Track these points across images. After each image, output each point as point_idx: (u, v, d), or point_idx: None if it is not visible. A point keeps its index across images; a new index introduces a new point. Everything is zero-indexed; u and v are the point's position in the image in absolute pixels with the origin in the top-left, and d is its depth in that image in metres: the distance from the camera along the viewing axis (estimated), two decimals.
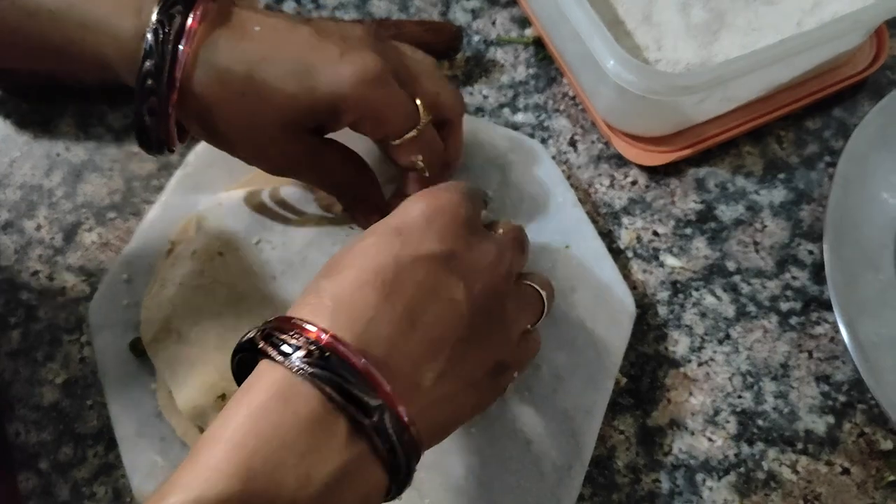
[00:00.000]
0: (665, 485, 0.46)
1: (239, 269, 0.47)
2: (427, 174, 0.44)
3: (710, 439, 0.47)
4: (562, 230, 0.50)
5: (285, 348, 0.30)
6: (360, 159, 0.45)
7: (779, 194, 0.54)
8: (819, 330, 0.50)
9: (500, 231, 0.40)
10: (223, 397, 0.43)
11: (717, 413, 0.47)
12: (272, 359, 0.30)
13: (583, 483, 0.44)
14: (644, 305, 0.50)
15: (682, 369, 0.49)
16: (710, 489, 0.45)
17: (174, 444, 0.44)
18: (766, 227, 0.53)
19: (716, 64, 0.53)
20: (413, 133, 0.41)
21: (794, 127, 0.56)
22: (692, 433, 0.47)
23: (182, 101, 0.38)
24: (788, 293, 0.51)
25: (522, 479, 0.43)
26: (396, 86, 0.40)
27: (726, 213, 0.53)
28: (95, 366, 0.47)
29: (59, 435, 0.47)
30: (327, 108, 0.39)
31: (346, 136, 0.43)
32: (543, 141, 0.56)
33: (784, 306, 0.50)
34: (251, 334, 0.32)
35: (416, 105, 0.41)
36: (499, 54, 0.59)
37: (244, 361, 0.32)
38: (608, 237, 0.52)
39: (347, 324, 0.32)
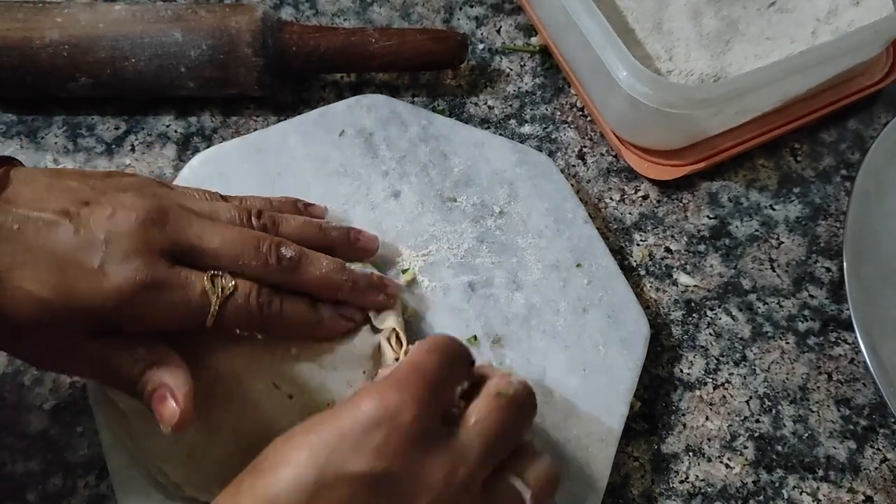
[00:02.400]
0: None
1: None
2: (260, 337, 0.39)
3: (727, 466, 0.45)
4: (572, 248, 0.48)
5: None
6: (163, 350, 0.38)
7: (794, 209, 0.52)
8: (838, 351, 0.48)
9: (472, 421, 0.34)
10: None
11: (734, 438, 0.46)
12: None
13: None
14: (657, 326, 0.48)
15: (697, 392, 0.47)
16: None
17: None
18: (781, 243, 0.51)
19: (732, 76, 0.51)
20: (210, 320, 0.37)
21: (809, 139, 0.55)
22: (709, 459, 0.45)
23: None
24: (806, 312, 0.49)
25: None
26: (170, 285, 0.36)
27: (740, 228, 0.52)
28: (86, 391, 0.45)
29: (48, 464, 0.45)
30: (94, 320, 0.35)
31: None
32: (551, 154, 0.54)
33: (802, 326, 0.49)
34: None
35: (204, 290, 0.37)
36: (504, 63, 0.57)
37: None
38: (619, 254, 0.51)
39: None
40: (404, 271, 0.47)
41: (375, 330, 0.43)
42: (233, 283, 0.38)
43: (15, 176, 0.37)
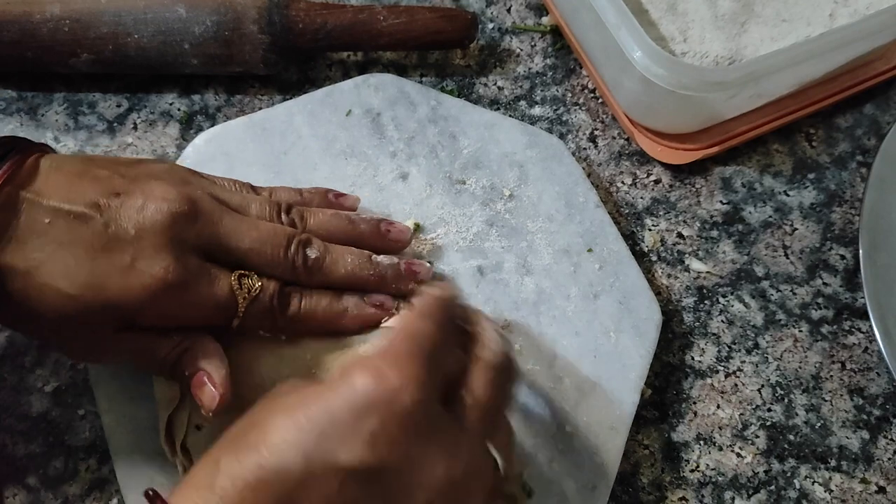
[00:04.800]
0: (692, 503, 0.43)
1: None
2: (284, 337, 0.39)
3: (738, 455, 0.44)
4: (583, 232, 0.47)
5: None
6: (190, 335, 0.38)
7: (809, 195, 0.51)
8: (852, 339, 0.47)
9: (469, 402, 0.32)
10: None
11: (745, 427, 0.45)
12: None
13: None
14: (669, 312, 0.48)
15: (708, 380, 0.46)
16: None
17: None
18: (795, 229, 0.50)
19: (747, 58, 0.50)
20: (236, 321, 0.37)
21: (824, 124, 0.54)
22: (720, 448, 0.45)
23: None
24: (820, 300, 0.48)
25: (544, 499, 0.41)
26: (198, 285, 0.36)
27: (754, 214, 0.51)
28: (87, 372, 0.44)
29: (49, 447, 0.44)
30: (122, 315, 0.35)
31: None
32: (562, 136, 0.53)
33: (815, 314, 0.48)
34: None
35: (231, 290, 0.37)
36: (514, 43, 0.56)
37: None
38: (630, 239, 0.50)
39: None
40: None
41: None
42: (259, 283, 0.38)
43: (44, 165, 0.36)
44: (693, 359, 0.47)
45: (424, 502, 0.29)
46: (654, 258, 0.49)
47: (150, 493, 0.29)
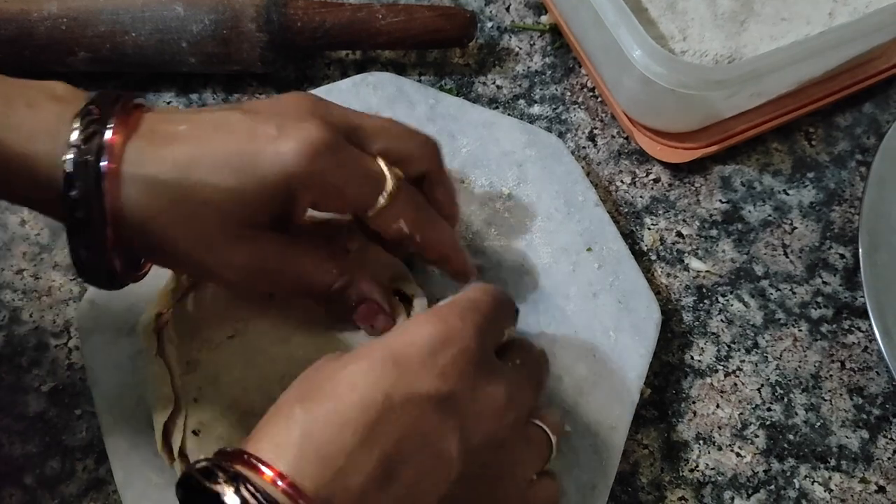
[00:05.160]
0: (691, 503, 0.43)
1: None
2: (419, 238, 0.39)
3: (738, 454, 0.44)
4: (582, 231, 0.47)
5: (230, 498, 0.26)
6: (342, 250, 0.40)
7: (808, 194, 0.51)
8: (852, 339, 0.47)
9: (517, 362, 0.36)
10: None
11: (745, 426, 0.45)
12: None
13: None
14: (668, 312, 0.47)
15: (708, 380, 0.46)
16: None
17: None
18: (795, 228, 0.50)
19: (747, 57, 0.50)
20: (383, 200, 0.36)
21: (824, 123, 0.54)
22: (719, 448, 0.44)
23: (117, 226, 0.33)
24: (819, 299, 0.48)
25: None
26: (350, 149, 0.36)
27: (753, 213, 0.51)
28: (84, 373, 0.44)
29: (46, 447, 0.44)
30: (278, 194, 0.34)
31: None
32: (561, 135, 0.53)
33: (815, 313, 0.48)
34: (203, 464, 0.28)
35: (380, 166, 0.36)
36: (513, 42, 0.56)
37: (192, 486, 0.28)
38: (630, 238, 0.50)
39: (313, 469, 0.28)
40: None
41: None
42: (402, 181, 0.37)
43: (148, 116, 0.35)
44: (692, 358, 0.47)
45: (491, 429, 0.32)
46: (654, 257, 0.49)
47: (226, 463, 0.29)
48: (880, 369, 0.46)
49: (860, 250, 0.46)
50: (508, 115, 0.52)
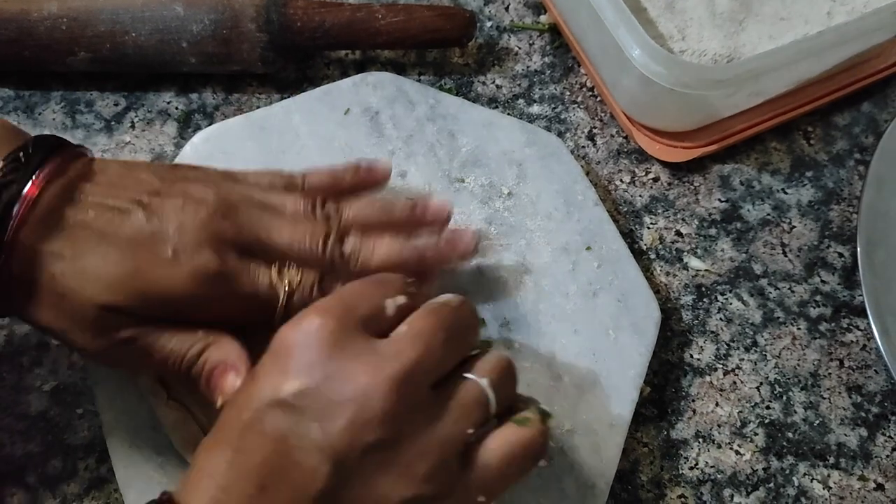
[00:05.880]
0: (691, 501, 0.43)
1: None
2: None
3: (737, 452, 0.44)
4: (582, 230, 0.47)
5: None
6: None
7: (807, 193, 0.52)
8: (850, 337, 0.47)
9: (403, 329, 0.32)
10: None
11: (744, 425, 0.45)
12: None
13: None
14: (667, 310, 0.48)
15: (707, 378, 0.46)
16: None
17: (171, 457, 0.41)
18: (793, 227, 0.50)
19: (745, 57, 0.50)
20: (279, 311, 0.37)
21: (822, 122, 0.54)
22: (718, 446, 0.45)
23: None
24: (818, 298, 0.48)
25: (543, 498, 0.41)
26: (243, 274, 0.36)
27: (752, 212, 0.51)
28: (86, 372, 0.44)
29: (48, 446, 0.44)
30: (161, 308, 0.35)
31: None
32: (560, 134, 0.53)
33: (813, 312, 0.48)
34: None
35: (272, 281, 0.37)
36: (512, 42, 0.56)
37: None
38: (629, 237, 0.50)
39: (196, 493, 0.30)
40: None
41: None
42: (300, 275, 0.37)
43: (88, 165, 0.37)
44: (692, 357, 0.47)
45: (349, 417, 0.30)
46: (653, 256, 0.49)
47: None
48: (879, 367, 0.46)
49: (858, 249, 0.46)
50: (508, 114, 0.52)
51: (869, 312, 0.45)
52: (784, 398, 0.46)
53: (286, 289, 0.37)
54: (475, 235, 0.42)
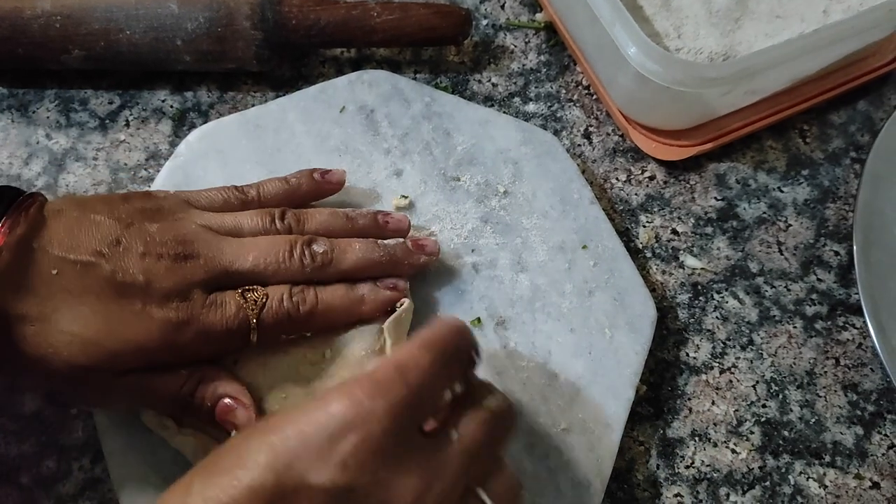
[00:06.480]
0: (687, 499, 0.43)
1: None
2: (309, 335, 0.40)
3: (733, 451, 0.44)
4: (578, 229, 0.47)
5: None
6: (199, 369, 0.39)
7: (803, 191, 0.51)
8: (846, 335, 0.47)
9: (458, 432, 0.31)
10: None
11: (740, 423, 0.45)
12: None
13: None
14: (663, 309, 0.48)
15: (703, 376, 0.46)
16: None
17: (166, 456, 0.41)
18: (789, 226, 0.50)
19: (741, 55, 0.50)
20: (254, 337, 0.38)
21: (818, 120, 0.54)
22: (715, 444, 0.45)
23: None
24: (814, 296, 0.48)
25: (539, 496, 0.40)
26: (211, 312, 0.37)
27: (748, 210, 0.51)
28: None
29: (42, 447, 0.44)
30: (136, 360, 0.36)
31: None
32: (556, 133, 0.53)
33: (809, 310, 0.48)
34: None
35: (238, 307, 0.37)
36: (508, 40, 0.56)
37: None
38: (625, 236, 0.50)
39: None
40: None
41: None
42: (264, 293, 0.38)
43: (44, 213, 0.37)
44: (688, 355, 0.47)
45: None
46: (649, 255, 0.49)
47: None
48: (874, 366, 0.46)
49: (854, 247, 0.46)
50: (504, 112, 0.52)
51: (865, 311, 0.44)
52: (780, 396, 0.46)
53: (253, 308, 0.38)
54: (436, 242, 0.44)
